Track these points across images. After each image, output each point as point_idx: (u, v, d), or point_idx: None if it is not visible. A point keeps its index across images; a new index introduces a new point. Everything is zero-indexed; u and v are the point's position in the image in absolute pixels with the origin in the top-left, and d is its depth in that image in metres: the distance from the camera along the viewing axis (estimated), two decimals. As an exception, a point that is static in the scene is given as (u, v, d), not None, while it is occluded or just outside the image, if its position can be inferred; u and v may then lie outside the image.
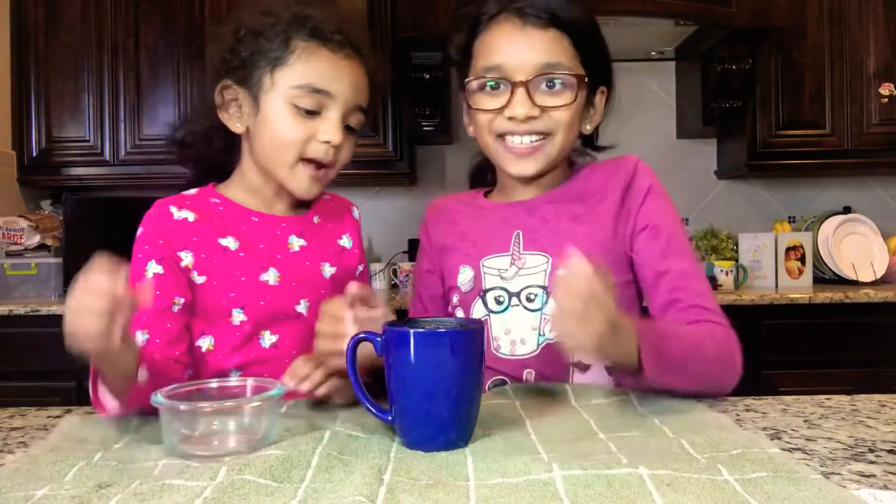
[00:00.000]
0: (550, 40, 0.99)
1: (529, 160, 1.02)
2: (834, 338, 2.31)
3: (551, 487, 0.58)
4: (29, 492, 0.60)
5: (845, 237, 2.68)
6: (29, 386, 2.26)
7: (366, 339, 0.76)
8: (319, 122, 0.96)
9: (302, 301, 1.02)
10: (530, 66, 0.98)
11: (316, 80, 0.95)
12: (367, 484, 0.59)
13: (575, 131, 1.04)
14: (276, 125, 0.96)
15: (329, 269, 1.05)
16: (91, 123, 2.64)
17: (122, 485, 0.61)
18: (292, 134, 0.96)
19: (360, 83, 0.99)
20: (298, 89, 0.95)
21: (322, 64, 0.96)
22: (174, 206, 1.00)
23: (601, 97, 1.07)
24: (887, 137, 2.60)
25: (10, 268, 2.50)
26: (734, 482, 0.58)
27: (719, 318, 0.96)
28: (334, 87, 0.96)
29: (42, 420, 0.88)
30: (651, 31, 2.54)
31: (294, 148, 0.96)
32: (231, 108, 1.01)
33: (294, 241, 1.04)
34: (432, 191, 2.94)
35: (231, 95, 1.00)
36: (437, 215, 1.17)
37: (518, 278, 1.04)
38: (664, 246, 1.01)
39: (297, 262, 1.03)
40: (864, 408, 0.87)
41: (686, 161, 2.95)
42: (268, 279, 1.00)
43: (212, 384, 0.78)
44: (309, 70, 0.95)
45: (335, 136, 0.96)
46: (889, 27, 2.60)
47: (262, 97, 0.97)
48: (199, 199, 1.03)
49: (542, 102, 0.99)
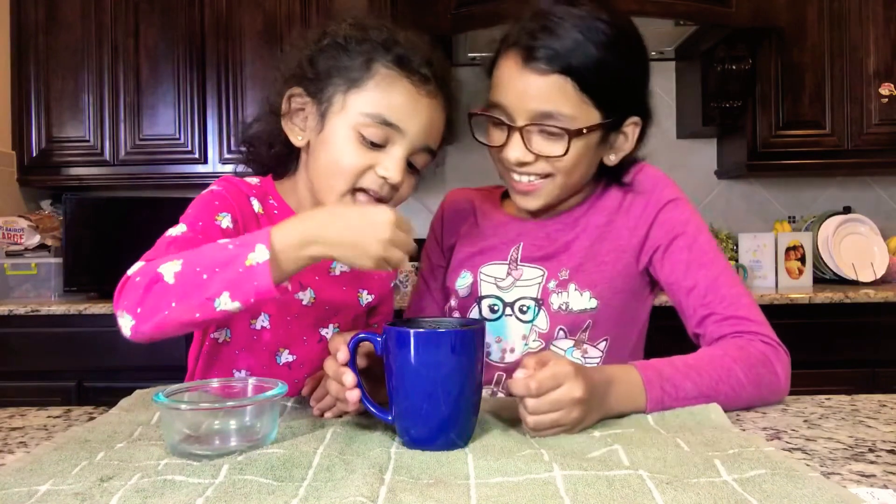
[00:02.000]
0: (550, 87, 0.92)
1: (532, 197, 0.99)
2: (834, 338, 2.31)
3: (552, 486, 0.58)
4: (32, 487, 0.61)
5: (845, 237, 2.68)
6: (29, 386, 2.25)
7: (366, 338, 0.76)
8: (382, 155, 0.89)
9: (330, 325, 1.00)
10: (526, 112, 0.94)
11: (389, 112, 0.87)
12: (368, 483, 0.59)
13: (581, 171, 0.98)
14: (337, 149, 0.89)
15: (366, 297, 1.03)
16: (91, 123, 2.64)
17: (123, 478, 0.61)
18: (351, 162, 0.88)
19: (436, 124, 0.92)
20: (368, 117, 0.87)
21: (399, 96, 0.88)
22: (244, 188, 0.96)
23: (634, 128, 1.00)
24: (887, 137, 2.60)
25: (10, 268, 2.49)
26: (732, 482, 0.58)
27: (758, 326, 0.92)
28: (406, 124, 0.88)
29: (42, 420, 0.88)
30: (651, 31, 2.54)
31: (349, 177, 0.89)
32: (296, 118, 0.94)
33: (337, 266, 1.01)
34: (432, 191, 2.93)
35: (298, 105, 0.93)
36: (453, 212, 1.16)
37: (514, 289, 1.03)
38: (687, 258, 0.97)
39: (335, 286, 1.00)
40: (864, 408, 0.87)
41: (686, 161, 2.95)
42: (302, 298, 0.97)
43: (213, 384, 0.78)
44: (384, 100, 0.87)
45: (395, 174, 0.88)
46: (889, 27, 2.60)
47: (329, 116, 0.90)
48: (261, 193, 0.98)
49: (537, 148, 0.95)
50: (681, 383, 0.82)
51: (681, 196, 1.01)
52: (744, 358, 0.87)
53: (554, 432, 0.74)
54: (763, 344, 0.90)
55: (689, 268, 0.96)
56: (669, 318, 1.00)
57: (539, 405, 0.72)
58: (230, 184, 0.95)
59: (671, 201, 1.00)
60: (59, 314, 2.26)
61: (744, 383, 0.85)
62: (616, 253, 1.00)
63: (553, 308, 1.00)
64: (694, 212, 1.00)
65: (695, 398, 0.82)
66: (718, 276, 0.95)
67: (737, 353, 0.88)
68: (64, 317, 2.26)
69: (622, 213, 1.01)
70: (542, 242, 1.04)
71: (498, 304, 1.04)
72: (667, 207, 0.99)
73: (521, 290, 1.02)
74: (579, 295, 0.99)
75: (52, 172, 2.67)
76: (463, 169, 3.00)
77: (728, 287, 0.95)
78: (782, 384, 0.89)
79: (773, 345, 0.90)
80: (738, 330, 0.92)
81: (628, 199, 1.02)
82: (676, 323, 1.00)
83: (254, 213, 0.95)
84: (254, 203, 0.95)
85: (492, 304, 1.04)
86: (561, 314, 0.99)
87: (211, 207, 0.91)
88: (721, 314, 0.93)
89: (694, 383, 0.83)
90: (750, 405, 0.87)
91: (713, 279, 0.95)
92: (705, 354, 0.88)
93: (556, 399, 0.72)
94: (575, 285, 0.99)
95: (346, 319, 1.01)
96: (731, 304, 0.93)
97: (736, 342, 0.90)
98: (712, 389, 0.83)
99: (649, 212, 1.00)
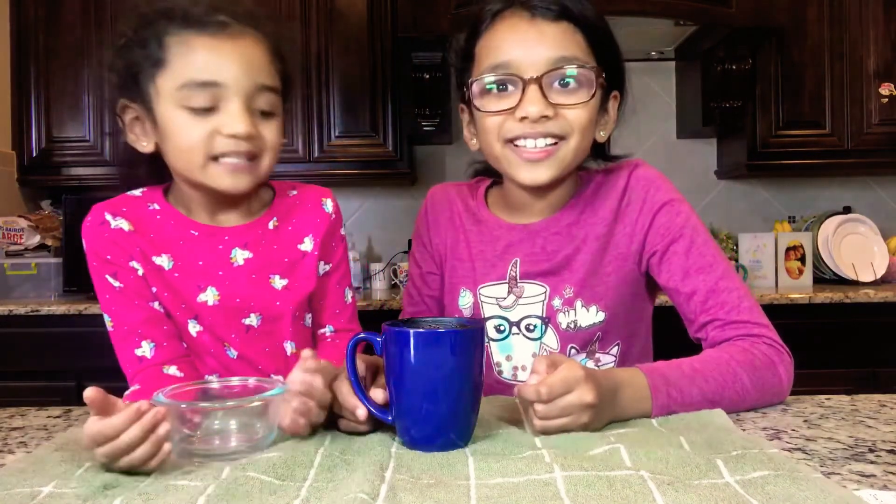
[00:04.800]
0: (563, 32, 0.92)
1: (543, 166, 0.93)
2: (834, 338, 2.31)
3: (552, 487, 0.58)
4: (35, 488, 0.61)
5: (845, 237, 2.68)
6: (29, 386, 2.26)
7: (366, 339, 0.76)
8: (219, 116, 0.87)
9: (252, 315, 0.95)
10: (542, 60, 0.90)
11: (198, 73, 0.85)
12: (369, 480, 0.59)
13: (590, 136, 0.96)
14: (175, 132, 0.87)
15: (280, 282, 0.97)
16: (91, 123, 2.64)
17: (127, 486, 0.61)
18: (192, 136, 0.87)
19: (258, 60, 0.89)
20: (184, 89, 0.85)
21: (201, 54, 0.86)
22: (109, 214, 0.93)
23: (614, 103, 1.00)
24: (887, 137, 2.60)
25: (10, 268, 2.50)
26: (735, 483, 0.58)
27: (761, 328, 0.91)
28: (223, 76, 0.85)
29: (42, 420, 0.88)
30: (651, 31, 2.54)
31: (198, 150, 0.87)
32: (136, 128, 0.92)
33: (238, 255, 0.95)
34: (432, 191, 2.94)
35: (131, 114, 0.91)
36: (437, 213, 1.11)
37: (517, 307, 1.01)
38: (684, 264, 0.95)
39: (240, 276, 0.95)
40: (864, 408, 0.87)
41: (686, 161, 2.95)
42: (206, 299, 0.93)
43: (213, 384, 0.78)
44: (188, 65, 0.85)
45: (240, 126, 0.86)
46: (889, 27, 2.60)
47: (155, 108, 0.88)
48: (139, 204, 0.96)
49: (556, 101, 0.91)
50: (687, 389, 0.82)
51: (675, 196, 0.99)
52: (748, 361, 0.86)
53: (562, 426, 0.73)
54: (767, 346, 0.89)
55: (688, 274, 0.95)
56: (676, 317, 1.00)
57: (549, 410, 0.72)
58: (91, 227, 0.93)
59: (666, 204, 0.98)
60: (59, 314, 2.26)
61: (748, 388, 0.85)
62: (618, 262, 0.99)
63: (562, 327, 0.99)
64: (690, 212, 0.98)
65: (700, 403, 0.82)
66: (719, 280, 0.94)
67: (741, 356, 0.87)
68: (64, 317, 2.26)
69: (619, 221, 0.99)
70: (540, 257, 1.01)
71: (504, 324, 1.02)
72: (662, 211, 0.97)
73: (526, 309, 1.01)
74: (586, 311, 0.98)
75: (52, 172, 2.67)
76: (463, 169, 3.00)
77: (729, 291, 0.93)
78: (785, 387, 0.89)
79: (776, 347, 0.90)
80: (741, 333, 0.91)
81: (623, 205, 0.99)
82: (682, 323, 1.00)
83: (123, 239, 0.92)
84: (121, 224, 0.93)
85: (497, 324, 1.03)
86: (570, 333, 0.99)
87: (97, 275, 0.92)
88: (723, 319, 0.92)
89: (700, 389, 0.82)
90: (753, 408, 0.87)
91: (713, 284, 0.94)
92: (711, 358, 0.87)
93: (567, 404, 0.72)
94: (581, 301, 0.98)
95: (267, 305, 0.95)
96: (732, 308, 0.92)
97: (740, 345, 0.89)
98: (717, 395, 0.83)
99: (644, 216, 0.98)
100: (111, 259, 0.92)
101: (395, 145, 2.62)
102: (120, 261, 0.92)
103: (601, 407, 0.74)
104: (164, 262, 0.93)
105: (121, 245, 0.92)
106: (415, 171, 2.86)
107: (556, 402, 0.72)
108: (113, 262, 0.92)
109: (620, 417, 0.79)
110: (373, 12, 2.58)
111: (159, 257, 0.93)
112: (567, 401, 0.72)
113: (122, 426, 0.63)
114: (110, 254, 0.92)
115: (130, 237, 0.93)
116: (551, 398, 0.72)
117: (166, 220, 0.95)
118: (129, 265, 0.92)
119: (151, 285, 0.93)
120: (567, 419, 0.72)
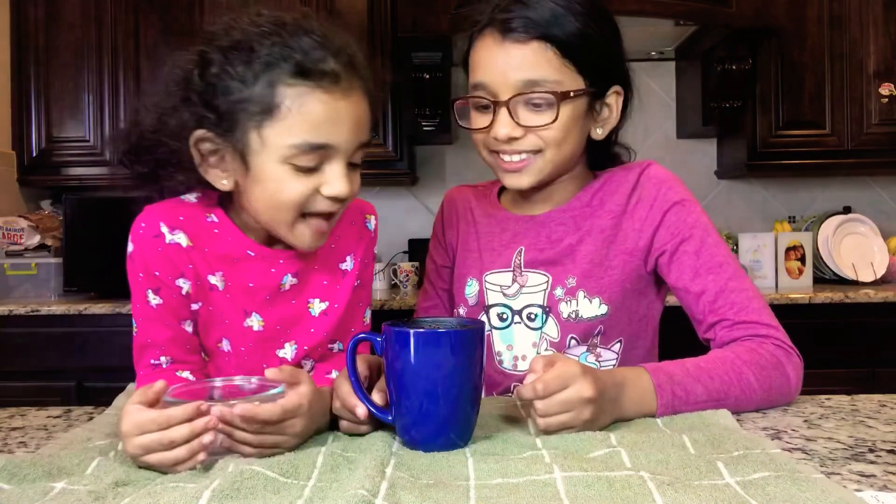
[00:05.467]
0: (532, 55, 0.92)
1: (521, 175, 0.97)
2: (834, 338, 2.31)
3: (551, 488, 0.58)
4: (48, 484, 0.61)
5: (845, 237, 2.68)
6: (29, 386, 2.25)
7: (366, 339, 0.76)
8: (321, 175, 0.82)
9: (287, 345, 0.92)
10: (510, 84, 0.93)
11: (313, 135, 0.80)
12: (370, 477, 0.59)
13: (571, 144, 0.97)
14: (274, 187, 0.82)
15: (319, 306, 0.93)
16: (91, 123, 2.64)
17: (139, 484, 0.62)
18: (293, 194, 0.82)
19: (364, 118, 0.84)
20: (295, 149, 0.79)
21: (317, 112, 0.79)
22: (166, 226, 0.86)
23: (616, 98, 1.00)
24: (887, 137, 2.60)
25: (10, 268, 2.49)
26: (735, 484, 0.58)
27: (770, 329, 0.91)
28: (335, 137, 0.81)
29: (42, 420, 0.88)
30: (651, 31, 2.54)
31: (295, 208, 0.83)
32: (211, 160, 0.84)
33: (287, 281, 0.91)
34: (432, 191, 2.94)
35: (209, 148, 0.83)
36: (452, 211, 1.15)
37: (521, 296, 1.02)
38: (694, 264, 0.95)
39: (283, 302, 0.91)
40: (864, 408, 0.87)
41: (686, 161, 2.95)
42: (252, 325, 0.90)
43: (215, 383, 0.78)
44: (304, 124, 0.79)
45: (342, 189, 0.82)
46: (889, 27, 2.60)
47: (251, 157, 0.81)
48: (196, 215, 0.90)
49: (525, 121, 0.93)
50: (691, 387, 0.82)
51: (687, 197, 0.99)
52: (755, 361, 0.86)
53: (563, 424, 0.73)
54: (775, 347, 0.89)
55: (698, 273, 0.95)
56: (684, 318, 1.00)
57: (548, 407, 0.72)
58: (146, 237, 0.86)
59: (677, 203, 0.98)
60: (59, 314, 2.26)
61: (755, 387, 0.85)
62: (624, 256, 0.99)
63: (563, 317, 0.99)
64: (701, 213, 0.99)
65: (705, 402, 0.82)
66: (728, 280, 0.94)
67: (748, 356, 0.87)
68: (64, 317, 2.26)
69: (627, 216, 1.00)
70: (544, 245, 1.02)
71: (506, 312, 1.03)
72: (672, 210, 0.98)
73: (528, 298, 1.01)
74: (588, 302, 0.98)
75: (52, 172, 2.67)
76: (463, 169, 3.00)
77: (738, 292, 0.93)
78: (793, 388, 0.88)
79: (785, 348, 0.90)
80: (749, 333, 0.91)
81: (633, 201, 1.00)
82: (689, 325, 1.00)
83: (178, 255, 0.86)
84: (179, 239, 0.87)
85: (500, 312, 1.03)
86: (571, 323, 0.99)
87: (137, 285, 0.87)
88: (731, 319, 0.92)
89: (705, 387, 0.82)
90: (759, 408, 0.86)
91: (723, 284, 0.93)
92: (717, 357, 0.87)
93: (566, 400, 0.72)
94: (584, 292, 0.98)
95: (303, 333, 0.93)
96: (741, 308, 0.92)
97: (748, 345, 0.89)
98: (723, 393, 0.83)
99: (655, 214, 0.98)
100: (159, 276, 0.86)
101: (396, 145, 2.62)
102: (167, 279, 0.87)
103: (602, 403, 0.74)
104: (217, 281, 0.89)
105: (174, 261, 0.87)
106: (415, 172, 2.86)
107: (555, 398, 0.72)
108: (159, 279, 0.87)
109: (625, 416, 0.79)
110: (373, 12, 2.58)
111: (214, 276, 0.89)
112: (566, 395, 0.72)
113: (178, 420, 0.64)
114: (159, 270, 0.86)
115: (186, 253, 0.87)
116: (547, 393, 0.72)
117: (224, 236, 0.90)
118: (176, 283, 0.87)
119: (195, 301, 0.89)
120: (568, 415, 0.72)
